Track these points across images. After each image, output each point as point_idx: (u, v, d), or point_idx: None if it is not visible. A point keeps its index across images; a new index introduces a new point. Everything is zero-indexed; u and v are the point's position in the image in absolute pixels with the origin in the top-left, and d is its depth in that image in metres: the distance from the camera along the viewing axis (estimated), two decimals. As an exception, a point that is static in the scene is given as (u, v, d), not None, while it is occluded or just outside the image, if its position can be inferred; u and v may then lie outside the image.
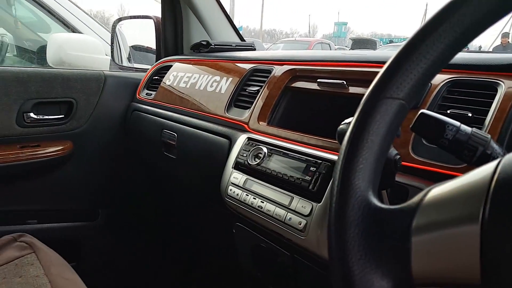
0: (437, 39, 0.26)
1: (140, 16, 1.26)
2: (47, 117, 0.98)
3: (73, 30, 1.77)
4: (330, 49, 10.74)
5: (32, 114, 0.95)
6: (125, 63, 1.53)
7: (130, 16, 1.30)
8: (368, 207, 0.24)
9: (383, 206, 0.25)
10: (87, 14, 1.84)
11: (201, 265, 1.24)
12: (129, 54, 1.62)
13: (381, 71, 0.28)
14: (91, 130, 1.05)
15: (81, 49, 1.47)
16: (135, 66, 1.41)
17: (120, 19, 1.32)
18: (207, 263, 1.22)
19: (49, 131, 0.99)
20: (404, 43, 0.29)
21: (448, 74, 0.49)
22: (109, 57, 1.51)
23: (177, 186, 1.07)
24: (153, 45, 1.27)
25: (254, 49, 1.16)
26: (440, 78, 0.48)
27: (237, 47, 1.10)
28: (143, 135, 1.02)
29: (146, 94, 1.05)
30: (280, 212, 0.57)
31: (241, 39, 1.21)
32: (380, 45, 12.88)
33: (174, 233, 1.27)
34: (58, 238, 1.07)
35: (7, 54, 2.25)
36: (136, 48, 1.68)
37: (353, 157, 0.26)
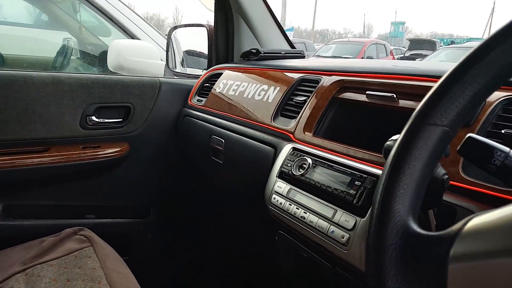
0: (487, 65, 0.26)
1: (194, 24, 1.33)
2: (107, 120, 1.07)
3: (131, 36, 1.91)
4: (386, 50, 10.37)
5: (94, 118, 1.04)
6: (179, 68, 1.62)
7: (185, 25, 1.38)
8: (406, 232, 0.26)
9: (422, 232, 0.26)
10: (144, 20, 1.97)
11: (242, 268, 1.28)
12: (182, 59, 1.71)
13: (426, 95, 0.29)
14: (146, 133, 1.13)
15: (138, 55, 1.58)
16: (187, 72, 1.49)
17: (175, 27, 1.40)
18: (248, 267, 1.26)
19: (109, 134, 1.08)
20: (452, 67, 0.29)
21: (504, 91, 0.47)
22: (164, 62, 1.61)
23: (223, 190, 1.11)
24: (204, 50, 1.34)
25: (303, 57, 1.18)
26: (495, 96, 0.47)
27: (286, 54, 1.13)
28: (193, 139, 1.08)
29: (197, 100, 1.11)
30: (323, 224, 0.58)
31: (291, 46, 1.23)
32: (441, 46, 12.20)
33: (217, 233, 1.33)
34: (113, 233, 1.16)
35: (71, 57, 2.46)
36: (189, 53, 1.77)
37: (393, 182, 0.27)
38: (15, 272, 0.79)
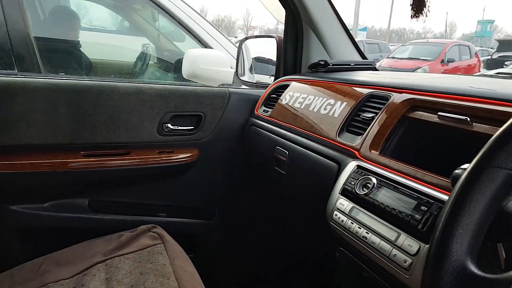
0: None
1: (264, 35, 1.40)
2: (180, 128, 1.17)
3: (204, 43, 2.04)
4: (470, 52, 9.59)
5: (169, 125, 1.15)
6: (247, 76, 1.70)
7: (255, 36, 1.45)
8: (463, 272, 0.27)
9: (479, 273, 0.26)
10: (216, 28, 2.09)
11: (300, 276, 1.31)
12: (251, 65, 1.79)
13: (492, 138, 0.29)
14: (214, 140, 1.22)
15: (210, 63, 1.69)
16: (255, 79, 1.55)
17: (246, 38, 1.47)
18: (306, 276, 1.28)
19: (181, 140, 1.18)
20: None
21: None
22: (233, 70, 1.70)
23: (285, 199, 1.15)
24: (272, 57, 1.39)
25: (374, 68, 1.17)
26: None
27: (355, 66, 1.13)
28: (258, 148, 1.13)
29: (263, 110, 1.16)
30: (385, 246, 0.59)
31: (362, 56, 1.23)
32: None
33: (278, 240, 1.37)
34: (181, 231, 1.27)
35: (149, 62, 2.67)
36: (258, 59, 1.84)
37: (453, 221, 0.28)
38: (98, 262, 0.91)
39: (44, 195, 1.10)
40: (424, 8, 0.79)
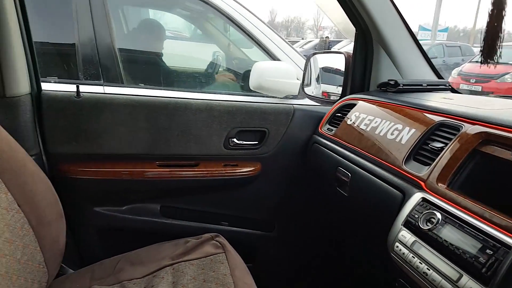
0: None
1: (332, 51, 1.42)
2: (245, 142, 1.24)
3: (271, 55, 2.09)
4: None
5: (235, 140, 1.23)
6: (313, 88, 1.72)
7: (323, 51, 1.47)
8: None
9: None
10: (283, 39, 2.14)
11: None
12: (318, 75, 1.81)
13: None
14: (276, 155, 1.27)
15: (276, 75, 1.74)
16: (320, 96, 1.57)
17: (314, 53, 1.50)
18: None
19: (245, 154, 1.25)
20: None
21: None
22: (299, 81, 1.74)
23: (345, 220, 1.16)
24: (340, 67, 1.40)
25: (449, 88, 1.13)
26: None
27: (428, 87, 1.10)
28: (320, 167, 1.16)
29: (327, 129, 1.19)
30: (447, 286, 0.59)
31: (437, 74, 1.20)
32: None
33: (335, 259, 1.38)
34: (242, 240, 1.34)
35: (219, 69, 2.79)
36: (325, 69, 1.86)
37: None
38: (166, 265, 1.00)
39: (123, 199, 1.24)
40: (495, 55, 0.76)
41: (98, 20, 1.82)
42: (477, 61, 8.75)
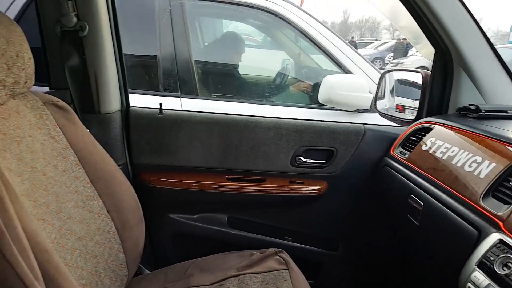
0: None
1: (409, 70, 1.39)
2: (311, 161, 1.28)
3: (340, 66, 2.08)
4: None
5: (302, 158, 1.27)
6: (387, 98, 1.69)
7: (399, 69, 1.44)
8: None
9: None
10: (355, 51, 2.11)
11: None
12: (392, 88, 1.77)
13: None
14: (344, 175, 1.28)
15: (347, 89, 1.74)
16: (393, 114, 1.53)
17: (389, 71, 1.48)
18: None
19: (311, 172, 1.28)
20: None
21: None
22: (372, 95, 1.71)
23: (413, 249, 1.13)
24: (417, 80, 1.36)
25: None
26: None
27: (514, 114, 1.04)
28: (390, 191, 1.15)
29: (400, 152, 1.17)
30: None
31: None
32: None
33: (399, 284, 1.35)
34: (304, 257, 1.37)
35: (288, 78, 2.82)
36: (401, 82, 1.81)
37: None
38: (232, 275, 1.07)
39: (194, 208, 1.34)
40: None
41: (178, 33, 1.97)
42: None
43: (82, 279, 0.83)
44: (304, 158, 1.27)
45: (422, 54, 1.32)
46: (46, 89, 1.14)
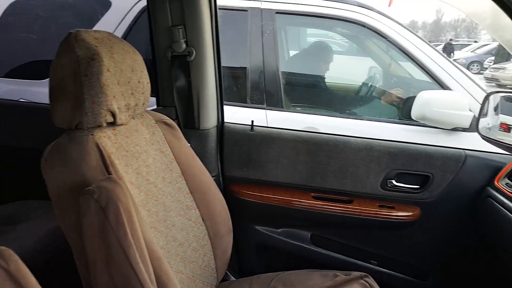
0: None
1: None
2: (404, 185, 1.24)
3: (438, 82, 1.96)
4: None
5: (393, 181, 1.24)
6: (490, 116, 1.56)
7: (506, 91, 1.33)
8: None
9: None
10: (456, 66, 1.97)
11: None
12: (497, 104, 1.63)
13: None
14: (440, 203, 1.22)
15: (445, 106, 1.65)
16: (498, 138, 1.42)
17: (496, 92, 1.38)
18: None
19: (403, 197, 1.25)
20: None
21: None
22: (472, 113, 1.60)
23: None
24: None
25: None
26: None
27: None
28: (494, 226, 1.07)
29: (506, 184, 1.08)
30: None
31: None
32: None
33: None
34: (390, 284, 1.33)
35: (375, 88, 2.70)
36: (507, 98, 1.66)
37: None
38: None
39: (279, 223, 1.39)
40: None
41: (267, 46, 2.03)
42: None
43: (182, 283, 0.93)
44: (396, 181, 1.24)
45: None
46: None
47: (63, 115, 0.80)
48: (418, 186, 1.24)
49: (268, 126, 1.37)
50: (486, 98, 1.39)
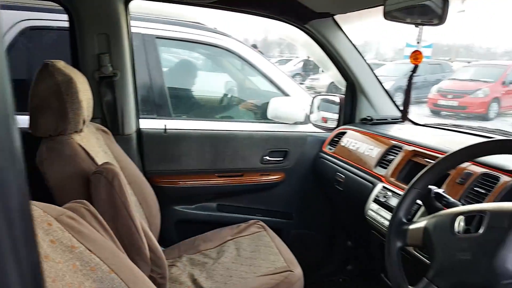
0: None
1: (330, 94, 2.05)
2: (273, 159, 1.86)
3: (281, 90, 2.70)
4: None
5: (267, 157, 1.85)
6: (315, 113, 2.33)
7: (325, 94, 2.10)
8: (398, 222, 0.89)
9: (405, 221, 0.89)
10: (288, 76, 2.75)
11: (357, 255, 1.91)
12: (319, 104, 2.42)
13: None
14: (294, 167, 1.89)
15: (288, 107, 2.35)
16: (321, 124, 2.17)
17: (318, 95, 2.12)
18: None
19: (273, 167, 1.88)
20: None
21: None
22: (305, 111, 2.34)
23: (339, 204, 1.78)
24: (334, 99, 2.01)
25: (402, 121, 1.76)
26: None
27: (391, 120, 1.74)
28: (324, 173, 1.78)
29: (329, 148, 1.81)
30: (386, 223, 1.20)
31: (398, 109, 1.83)
32: None
33: (335, 229, 2.00)
34: (270, 226, 1.92)
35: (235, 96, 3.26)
36: (324, 100, 2.47)
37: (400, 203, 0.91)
38: (228, 239, 1.60)
39: (192, 200, 1.84)
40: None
41: (152, 65, 2.39)
42: (454, 78, 9.63)
43: None
44: (269, 157, 1.85)
45: (332, 78, 1.99)
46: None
47: (47, 125, 1.09)
48: (282, 158, 1.88)
49: (178, 128, 1.79)
50: (312, 100, 2.14)
